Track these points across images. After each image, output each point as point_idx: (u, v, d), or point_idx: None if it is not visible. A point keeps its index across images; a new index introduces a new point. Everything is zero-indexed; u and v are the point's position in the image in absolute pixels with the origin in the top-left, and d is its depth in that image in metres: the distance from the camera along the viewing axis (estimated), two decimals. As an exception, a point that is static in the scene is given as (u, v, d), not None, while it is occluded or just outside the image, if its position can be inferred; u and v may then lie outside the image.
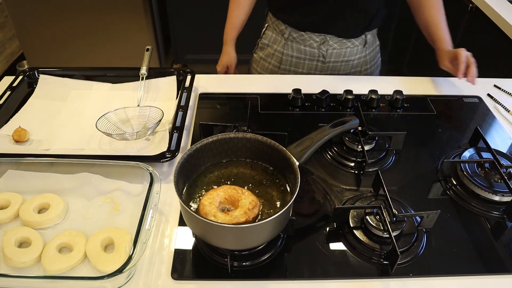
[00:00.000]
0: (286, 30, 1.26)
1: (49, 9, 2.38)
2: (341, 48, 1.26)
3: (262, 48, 1.36)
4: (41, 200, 0.80)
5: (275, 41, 1.30)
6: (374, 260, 0.74)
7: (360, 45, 1.28)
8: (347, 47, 1.26)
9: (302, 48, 1.27)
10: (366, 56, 1.31)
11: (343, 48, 1.26)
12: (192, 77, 1.12)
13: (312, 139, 0.79)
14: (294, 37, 1.26)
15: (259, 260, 0.74)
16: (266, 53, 1.34)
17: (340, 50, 1.26)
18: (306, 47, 1.27)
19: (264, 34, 1.35)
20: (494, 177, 0.88)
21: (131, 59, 2.44)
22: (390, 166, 0.94)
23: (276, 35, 1.30)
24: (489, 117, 1.10)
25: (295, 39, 1.26)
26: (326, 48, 1.26)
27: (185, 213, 0.70)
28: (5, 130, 0.98)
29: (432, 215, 0.78)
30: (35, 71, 1.14)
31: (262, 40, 1.36)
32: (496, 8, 1.75)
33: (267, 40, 1.33)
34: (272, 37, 1.31)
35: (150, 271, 0.72)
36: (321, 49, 1.26)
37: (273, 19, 1.30)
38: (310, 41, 1.25)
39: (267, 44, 1.33)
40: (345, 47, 1.26)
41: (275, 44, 1.31)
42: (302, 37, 1.25)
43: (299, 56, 1.29)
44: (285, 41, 1.28)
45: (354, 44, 1.26)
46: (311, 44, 1.26)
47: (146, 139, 0.97)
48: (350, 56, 1.29)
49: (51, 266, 0.69)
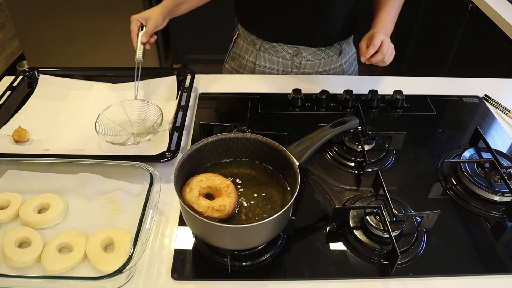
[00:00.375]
0: (258, 41, 1.21)
1: (49, 9, 2.38)
2: (315, 59, 1.22)
3: (234, 58, 1.30)
4: (41, 200, 0.80)
5: (247, 51, 1.25)
6: (374, 260, 0.74)
7: (335, 55, 1.23)
8: (321, 58, 1.22)
9: (274, 59, 1.23)
10: (343, 66, 1.27)
11: (317, 59, 1.22)
12: (192, 77, 1.12)
13: (312, 139, 0.79)
14: (266, 48, 1.21)
15: (259, 260, 0.74)
16: (238, 64, 1.29)
17: (314, 61, 1.22)
18: (279, 58, 1.22)
19: (235, 43, 1.29)
20: (494, 177, 0.88)
21: (131, 59, 2.45)
22: (390, 166, 0.94)
23: (247, 45, 1.24)
24: (489, 117, 1.10)
25: (267, 50, 1.21)
26: (300, 60, 1.21)
27: (185, 213, 0.70)
28: (5, 130, 0.98)
29: (432, 215, 0.78)
30: (35, 71, 1.14)
31: (233, 49, 1.30)
32: (496, 8, 1.75)
33: (239, 50, 1.27)
34: (244, 46, 1.26)
35: (150, 271, 0.72)
36: (294, 61, 1.22)
37: (242, 29, 1.25)
38: (283, 53, 1.21)
39: (239, 54, 1.28)
40: (319, 58, 1.22)
41: (246, 54, 1.26)
42: (274, 48, 1.21)
43: (272, 67, 1.24)
44: (257, 52, 1.22)
45: (328, 54, 1.22)
46: (284, 56, 1.21)
47: (146, 139, 0.97)
48: (325, 67, 1.25)
49: (51, 266, 0.69)
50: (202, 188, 0.72)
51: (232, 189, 0.72)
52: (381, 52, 1.00)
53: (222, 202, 0.70)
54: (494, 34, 1.76)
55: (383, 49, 1.01)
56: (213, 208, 0.69)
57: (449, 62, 2.22)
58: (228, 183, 0.73)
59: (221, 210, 0.69)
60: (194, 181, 0.73)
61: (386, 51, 1.01)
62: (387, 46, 1.01)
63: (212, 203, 0.70)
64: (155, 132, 0.98)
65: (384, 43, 1.01)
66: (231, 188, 0.72)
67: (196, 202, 0.70)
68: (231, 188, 0.72)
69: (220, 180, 0.73)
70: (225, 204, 0.69)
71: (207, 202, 0.70)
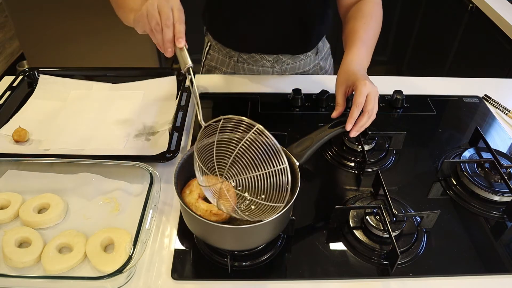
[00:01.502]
0: (235, 53, 1.16)
1: (49, 9, 2.38)
2: (295, 62, 1.20)
3: (210, 70, 1.24)
4: (41, 200, 0.80)
5: (223, 63, 1.20)
6: (374, 260, 0.74)
7: (313, 54, 1.22)
8: (300, 60, 1.20)
9: (254, 68, 1.19)
10: (320, 63, 1.26)
11: (297, 62, 1.20)
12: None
13: (312, 139, 0.79)
14: (245, 59, 1.17)
15: (259, 260, 0.74)
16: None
17: (294, 64, 1.20)
18: (259, 67, 1.18)
19: (209, 55, 1.22)
20: (494, 177, 0.88)
21: (131, 59, 2.45)
22: (390, 166, 0.94)
23: (223, 57, 1.18)
24: (489, 117, 1.10)
25: (245, 60, 1.17)
26: (280, 65, 1.19)
27: (185, 213, 0.70)
28: (5, 130, 0.98)
29: (432, 215, 0.78)
30: (35, 71, 1.14)
31: (208, 62, 1.23)
32: (496, 8, 1.75)
33: (214, 62, 1.21)
34: (219, 58, 1.19)
35: (150, 271, 0.72)
36: (275, 67, 1.19)
37: (215, 41, 1.18)
38: (262, 61, 1.17)
39: (215, 67, 1.22)
40: (298, 60, 1.20)
41: (223, 67, 1.20)
42: (253, 58, 1.16)
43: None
44: (235, 63, 1.18)
45: (307, 55, 1.20)
46: (263, 64, 1.18)
47: (146, 139, 0.97)
48: (305, 67, 1.23)
49: (51, 266, 0.69)
50: (201, 191, 0.72)
51: (231, 193, 0.71)
52: (366, 112, 0.79)
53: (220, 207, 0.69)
54: (494, 34, 1.76)
55: (368, 108, 0.78)
56: (211, 212, 0.69)
57: (449, 62, 2.22)
58: (228, 187, 0.71)
59: (219, 215, 0.70)
60: (194, 183, 0.73)
61: (372, 109, 0.79)
62: (373, 101, 0.79)
63: (210, 207, 0.70)
64: (155, 132, 0.98)
65: (370, 98, 0.79)
66: (231, 192, 0.71)
67: (195, 205, 0.70)
68: (230, 193, 0.71)
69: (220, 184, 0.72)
70: (222, 209, 0.69)
71: (206, 205, 0.70)
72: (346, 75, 0.85)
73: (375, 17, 0.96)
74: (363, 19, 0.94)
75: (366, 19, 0.94)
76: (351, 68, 0.85)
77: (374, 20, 0.95)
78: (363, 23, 0.93)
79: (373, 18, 0.95)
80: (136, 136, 0.98)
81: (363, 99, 0.78)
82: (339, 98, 0.85)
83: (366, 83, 0.79)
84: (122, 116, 1.03)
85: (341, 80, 0.86)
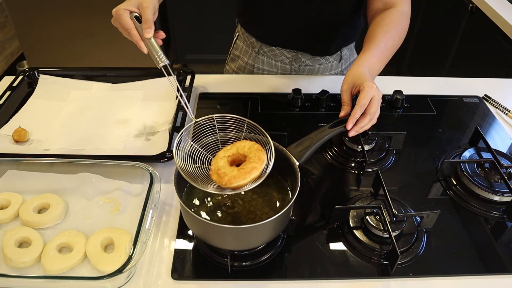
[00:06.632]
0: (257, 43, 1.19)
1: (49, 9, 2.38)
2: (314, 65, 1.20)
3: (234, 59, 1.29)
4: (41, 200, 0.80)
5: (246, 53, 1.24)
6: (374, 260, 0.74)
7: (335, 61, 1.20)
8: (320, 64, 1.20)
9: (273, 62, 1.21)
10: (343, 72, 1.24)
11: (317, 65, 1.20)
12: (192, 77, 1.12)
13: (312, 139, 0.79)
14: (265, 51, 1.19)
15: (259, 260, 0.74)
16: (238, 66, 1.27)
17: (313, 66, 1.20)
18: (278, 62, 1.20)
19: (235, 44, 1.28)
20: (494, 177, 0.88)
21: (131, 59, 2.44)
22: (390, 166, 0.94)
23: (246, 47, 1.22)
24: (489, 117, 1.10)
25: (266, 53, 1.19)
26: (298, 65, 1.19)
27: (185, 213, 0.70)
28: (5, 130, 0.98)
29: (432, 215, 0.78)
30: (35, 71, 1.14)
31: (233, 51, 1.29)
32: (496, 8, 1.75)
33: (238, 51, 1.26)
34: (243, 48, 1.24)
35: (150, 271, 0.72)
36: (293, 65, 1.20)
37: (242, 30, 1.22)
38: (281, 57, 1.19)
39: (238, 56, 1.26)
40: (318, 63, 1.20)
41: (245, 57, 1.24)
42: (273, 52, 1.18)
43: (271, 71, 1.23)
44: (256, 54, 1.21)
45: (328, 60, 1.19)
46: (282, 60, 1.19)
47: (146, 139, 0.97)
48: (324, 72, 1.22)
49: (51, 266, 0.69)
50: (231, 157, 0.70)
51: (256, 157, 0.68)
52: (368, 114, 0.81)
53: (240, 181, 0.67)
54: (494, 34, 1.77)
55: (371, 110, 0.81)
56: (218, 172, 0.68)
57: (449, 62, 2.22)
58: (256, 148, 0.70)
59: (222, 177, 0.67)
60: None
61: (374, 112, 0.81)
62: (377, 105, 0.81)
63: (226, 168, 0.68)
64: (155, 132, 0.98)
65: (374, 101, 0.81)
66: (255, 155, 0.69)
67: (218, 161, 0.69)
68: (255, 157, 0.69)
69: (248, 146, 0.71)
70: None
71: (227, 168, 0.68)
72: (354, 76, 0.86)
73: (398, 27, 0.96)
74: (385, 27, 0.94)
75: (388, 28, 0.94)
76: (360, 70, 0.86)
77: (396, 30, 0.95)
78: (384, 31, 0.94)
79: (395, 28, 0.95)
80: (136, 136, 0.98)
81: (367, 101, 0.80)
82: (346, 98, 0.86)
83: (374, 86, 0.81)
84: (122, 116, 1.03)
85: (348, 81, 0.86)
